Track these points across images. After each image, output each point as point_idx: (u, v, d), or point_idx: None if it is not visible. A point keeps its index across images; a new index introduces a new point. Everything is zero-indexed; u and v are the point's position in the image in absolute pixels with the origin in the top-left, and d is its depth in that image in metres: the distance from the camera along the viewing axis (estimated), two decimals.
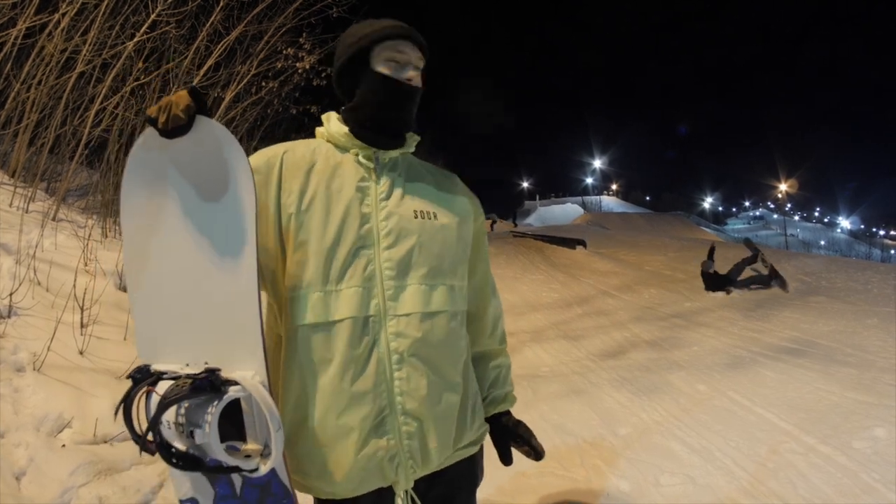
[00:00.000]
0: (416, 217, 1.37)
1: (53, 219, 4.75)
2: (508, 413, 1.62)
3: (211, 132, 1.18)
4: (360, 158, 1.38)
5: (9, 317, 3.10)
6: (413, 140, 1.49)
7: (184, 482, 1.26)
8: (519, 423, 1.61)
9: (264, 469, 1.13)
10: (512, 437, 1.60)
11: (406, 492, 1.34)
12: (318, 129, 1.48)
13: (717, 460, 3.61)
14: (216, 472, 1.12)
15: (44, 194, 5.44)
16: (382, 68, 1.38)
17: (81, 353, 3.15)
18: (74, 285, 3.43)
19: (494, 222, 36.02)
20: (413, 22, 1.45)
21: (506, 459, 1.60)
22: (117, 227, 5.35)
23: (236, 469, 1.12)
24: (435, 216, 1.41)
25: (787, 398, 4.81)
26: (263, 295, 1.28)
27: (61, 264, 3.81)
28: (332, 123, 1.44)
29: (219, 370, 1.13)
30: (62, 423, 2.67)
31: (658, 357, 6.44)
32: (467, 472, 1.48)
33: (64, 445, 2.56)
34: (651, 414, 4.51)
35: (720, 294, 10.64)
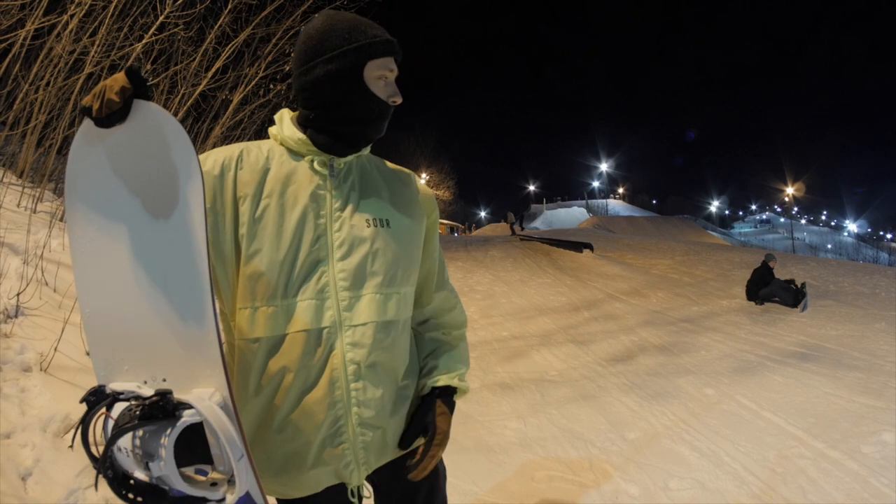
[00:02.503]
0: (368, 225, 1.32)
1: (61, 219, 4.75)
2: (439, 395, 1.45)
3: (151, 117, 1.05)
4: (315, 166, 1.32)
5: (16, 317, 3.10)
6: None
7: None
8: (438, 418, 1.42)
9: (231, 499, 1.04)
10: (422, 425, 1.41)
11: (358, 487, 1.35)
12: (271, 129, 1.39)
13: (726, 465, 3.59)
14: (182, 503, 1.02)
15: (52, 195, 5.45)
16: (375, 88, 1.31)
17: (88, 353, 3.14)
18: None
19: (513, 223, 34.93)
20: (419, 25, 1.41)
21: (402, 443, 1.39)
22: None
23: (203, 500, 1.03)
24: (388, 223, 1.36)
25: (795, 402, 4.79)
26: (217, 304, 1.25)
27: (69, 265, 3.81)
28: (286, 126, 1.35)
29: (170, 392, 1.01)
30: (69, 423, 2.66)
31: (666, 361, 6.41)
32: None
33: (70, 446, 2.55)
34: (660, 418, 4.49)
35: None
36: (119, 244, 1.09)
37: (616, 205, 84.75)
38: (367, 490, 1.40)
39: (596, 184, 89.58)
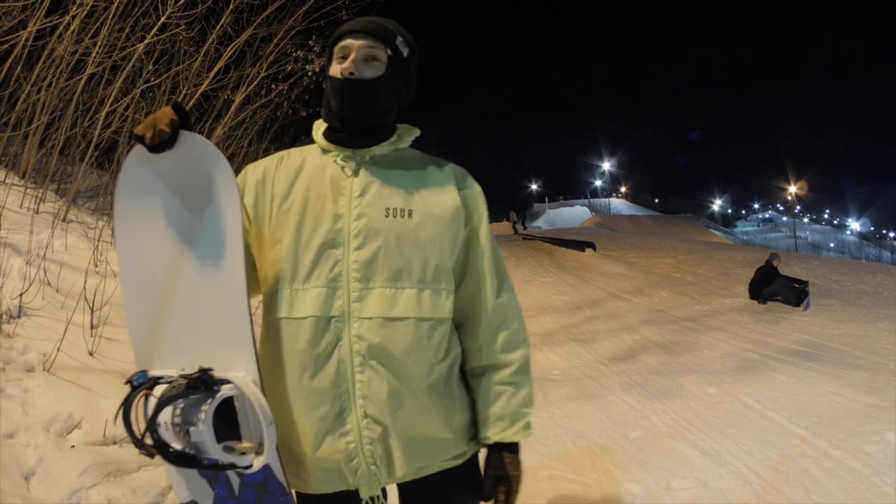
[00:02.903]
0: (386, 216, 1.32)
1: (63, 220, 4.76)
2: (502, 448, 1.40)
3: (194, 145, 1.24)
4: (338, 160, 1.37)
5: (19, 317, 3.11)
6: (408, 134, 1.44)
7: (183, 486, 1.29)
8: (503, 473, 1.39)
9: (258, 465, 1.16)
10: (487, 479, 1.40)
11: (373, 498, 1.33)
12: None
13: (728, 464, 3.58)
14: (212, 468, 1.15)
15: (54, 196, 5.46)
16: (334, 70, 1.36)
17: (91, 353, 3.15)
18: (84, 286, 3.43)
19: (516, 222, 34.82)
20: (422, 26, 1.40)
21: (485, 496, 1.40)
22: None
23: (232, 466, 1.14)
24: (409, 214, 1.33)
25: (798, 402, 4.78)
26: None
27: (71, 265, 3.82)
28: (315, 129, 1.44)
29: (212, 370, 1.16)
30: (72, 423, 2.66)
31: (669, 360, 6.41)
32: (458, 481, 1.42)
33: (73, 446, 2.56)
34: (662, 417, 4.49)
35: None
36: (162, 246, 1.27)
37: (618, 204, 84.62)
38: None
39: (598, 183, 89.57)
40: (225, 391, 1.14)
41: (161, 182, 1.26)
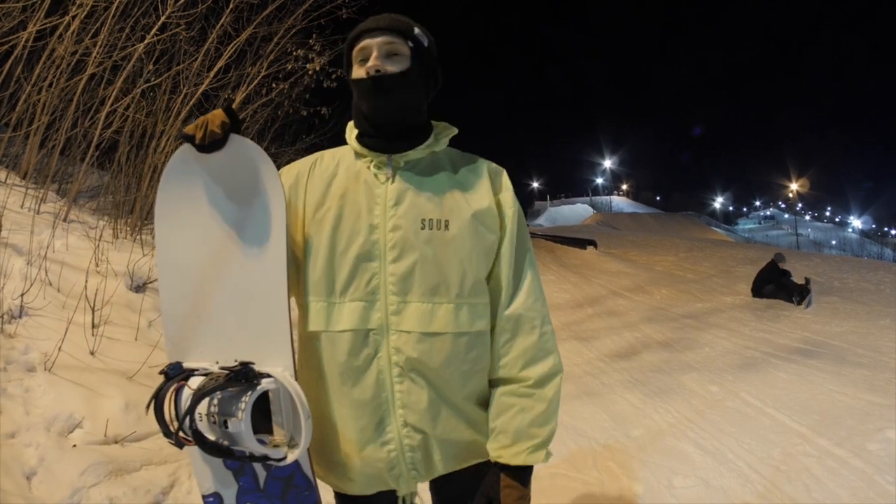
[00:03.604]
0: (422, 228, 1.27)
1: (65, 220, 4.77)
2: (501, 468, 1.32)
3: (245, 148, 1.26)
4: (372, 166, 1.33)
5: (20, 317, 3.11)
6: (445, 134, 1.40)
7: (207, 477, 1.31)
8: (493, 497, 1.31)
9: (292, 458, 1.18)
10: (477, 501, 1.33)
11: (410, 495, 1.36)
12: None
13: (730, 463, 3.58)
14: (246, 460, 1.16)
15: (55, 196, 5.46)
16: (357, 72, 1.32)
17: (92, 353, 3.16)
18: (86, 286, 3.43)
19: None
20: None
21: None
22: (128, 229, 5.36)
23: (265, 458, 1.16)
24: (446, 225, 1.28)
25: (799, 400, 4.78)
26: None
27: (72, 265, 3.82)
28: (348, 132, 1.40)
29: (252, 363, 1.19)
30: (73, 423, 2.67)
31: (670, 358, 6.41)
32: (482, 475, 1.38)
33: (75, 446, 2.56)
34: (664, 416, 4.48)
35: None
36: (206, 242, 1.29)
37: (620, 201, 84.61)
38: (420, 500, 1.38)
39: (600, 181, 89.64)
40: (265, 384, 1.16)
41: (208, 180, 1.29)
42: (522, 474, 1.32)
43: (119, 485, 2.48)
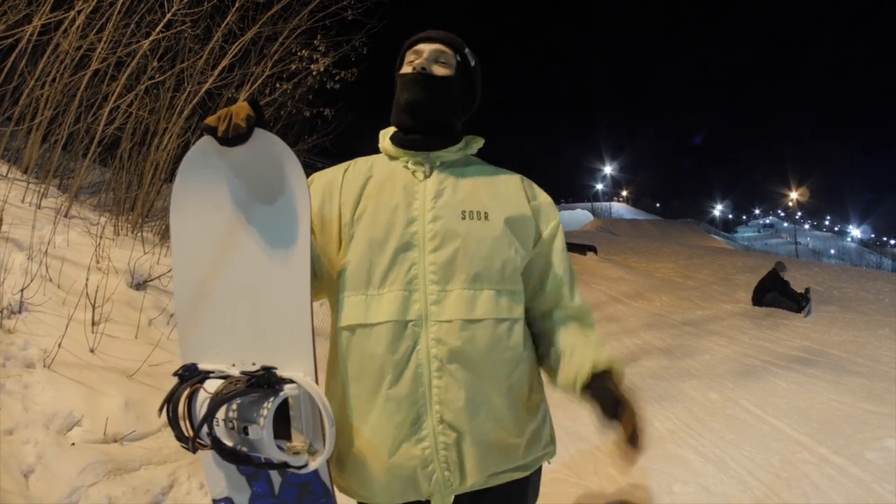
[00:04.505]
0: (463, 218, 1.33)
1: (66, 215, 4.75)
2: (607, 376, 1.36)
3: (270, 143, 1.24)
4: (409, 164, 1.39)
5: (20, 313, 3.09)
6: (475, 142, 1.48)
7: (219, 482, 1.28)
8: (617, 396, 1.34)
9: (314, 465, 1.16)
10: (606, 404, 1.33)
11: None
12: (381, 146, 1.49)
13: (730, 469, 3.58)
14: (264, 467, 1.14)
15: (56, 191, 5.45)
16: (406, 68, 1.42)
17: (92, 350, 3.14)
18: (86, 283, 3.42)
19: None
20: (422, 26, 1.49)
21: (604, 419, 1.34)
22: (129, 226, 5.36)
23: (285, 465, 1.13)
24: (486, 216, 1.34)
25: (799, 408, 4.77)
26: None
27: (73, 261, 3.80)
28: (382, 137, 1.46)
29: (275, 368, 1.15)
30: (72, 421, 2.65)
31: (670, 365, 6.41)
32: (514, 496, 1.38)
33: (73, 444, 2.54)
34: (664, 422, 4.48)
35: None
36: (225, 238, 1.26)
37: (620, 208, 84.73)
38: None
39: (600, 186, 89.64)
40: (288, 390, 1.13)
41: (229, 174, 1.26)
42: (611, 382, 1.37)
43: (118, 484, 2.46)
